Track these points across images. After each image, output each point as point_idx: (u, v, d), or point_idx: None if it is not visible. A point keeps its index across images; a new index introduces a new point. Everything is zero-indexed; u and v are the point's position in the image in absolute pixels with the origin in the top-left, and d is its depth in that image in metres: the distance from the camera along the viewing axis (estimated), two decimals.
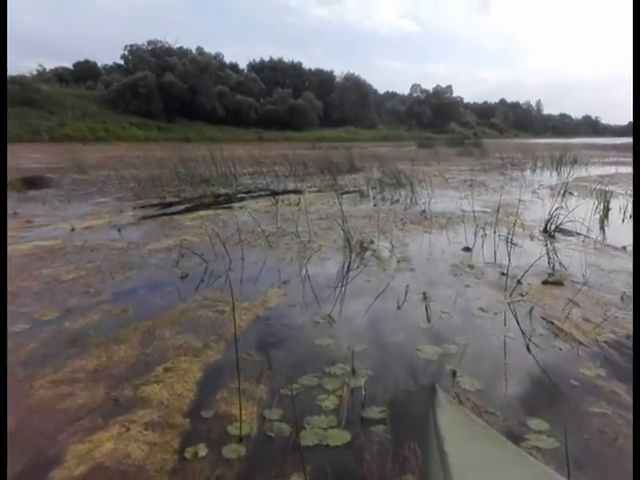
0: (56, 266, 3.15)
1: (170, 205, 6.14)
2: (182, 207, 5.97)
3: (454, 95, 76.53)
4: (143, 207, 5.89)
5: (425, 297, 2.58)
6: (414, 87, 77.08)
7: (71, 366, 1.79)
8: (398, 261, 3.32)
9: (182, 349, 1.96)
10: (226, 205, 6.12)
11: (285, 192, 7.42)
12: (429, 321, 2.27)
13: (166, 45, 54.22)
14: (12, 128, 34.33)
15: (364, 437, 1.38)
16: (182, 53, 53.96)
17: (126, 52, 55.29)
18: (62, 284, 2.78)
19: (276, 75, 62.37)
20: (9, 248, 3.62)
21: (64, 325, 2.18)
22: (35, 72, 51.88)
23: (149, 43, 54.08)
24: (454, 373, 1.76)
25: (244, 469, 1.25)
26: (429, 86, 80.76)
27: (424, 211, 5.37)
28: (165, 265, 3.24)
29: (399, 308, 2.44)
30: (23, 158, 13.78)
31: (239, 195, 7.26)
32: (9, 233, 4.21)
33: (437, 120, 69.66)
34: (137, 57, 52.63)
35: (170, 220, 4.99)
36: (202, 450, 1.31)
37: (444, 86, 75.59)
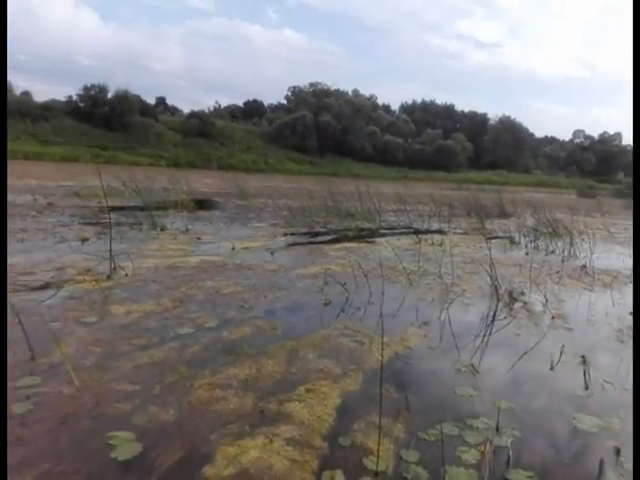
0: (218, 280, 3.51)
1: (317, 235, 6.46)
2: (328, 237, 6.24)
3: (624, 143, 68.83)
4: (293, 234, 6.29)
5: (584, 361, 2.32)
6: (577, 133, 71.20)
7: (226, 372, 1.97)
8: (552, 317, 3.05)
9: (323, 373, 2.03)
10: (369, 239, 6.25)
11: (428, 232, 7.33)
12: (587, 389, 2.04)
13: (325, 87, 58.08)
14: (188, 156, 39.45)
15: None
16: (339, 95, 57.30)
17: (289, 93, 60.47)
18: (222, 297, 3.09)
19: (427, 116, 62.77)
20: (182, 260, 4.13)
21: (222, 334, 2.41)
22: (212, 108, 59.39)
23: (310, 85, 58.49)
24: (618, 451, 1.55)
25: None
26: (593, 132, 73.86)
27: (584, 266, 4.88)
28: (310, 290, 3.41)
29: (552, 369, 2.23)
30: (196, 182, 15.68)
31: (382, 231, 7.36)
32: (182, 247, 4.81)
33: (602, 169, 63.13)
34: (299, 98, 57.20)
35: (317, 249, 5.25)
36: (339, 476, 1.34)
37: (612, 133, 68.54)
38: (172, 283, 3.33)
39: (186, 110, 53.43)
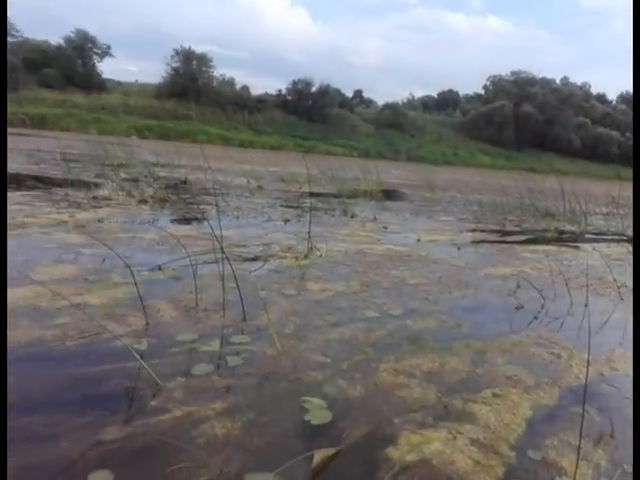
0: (402, 269, 3.56)
1: (509, 234, 6.05)
2: (522, 238, 5.80)
3: None
4: (483, 231, 6.00)
5: None
6: None
7: (409, 361, 2.00)
8: None
9: (512, 381, 1.91)
10: (571, 244, 5.62)
11: None
12: None
13: (529, 75, 53.31)
14: (379, 147, 40.42)
15: None
16: (544, 83, 52.08)
17: (488, 82, 57.13)
18: (406, 286, 3.12)
19: None
20: (370, 247, 4.29)
21: (406, 323, 2.45)
22: (405, 100, 59.60)
23: (512, 73, 54.31)
24: None
25: None
26: None
27: None
28: (500, 292, 3.22)
29: None
30: (385, 173, 16.02)
31: (587, 235, 6.54)
32: (370, 234, 4.99)
33: None
34: (498, 87, 53.69)
35: (508, 248, 4.92)
36: None
37: None
38: (360, 268, 3.49)
39: (381, 102, 54.69)
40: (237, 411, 1.51)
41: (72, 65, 37.99)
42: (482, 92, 58.26)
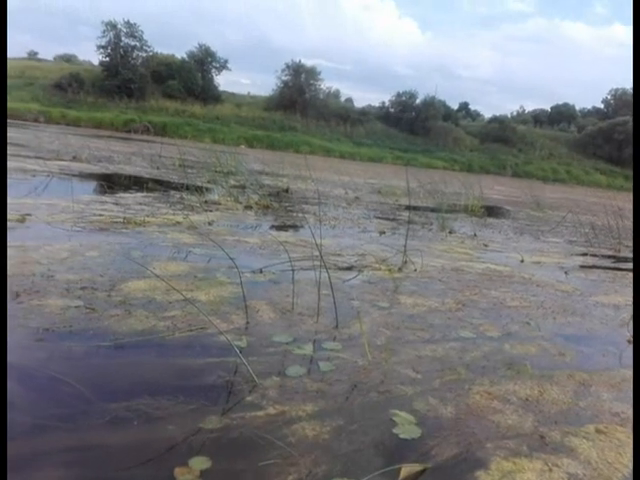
0: (503, 290, 3.41)
1: (624, 260, 5.53)
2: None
3: None
4: (594, 255, 5.55)
5: None
6: None
7: (505, 386, 1.92)
8: None
9: (619, 417, 1.77)
10: None
11: None
12: None
13: None
14: (483, 161, 38.87)
15: None
16: None
17: (609, 96, 52.54)
18: (506, 309, 3.00)
19: None
20: (468, 264, 4.16)
21: (503, 346, 2.35)
22: (515, 113, 56.76)
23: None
24: None
25: None
26: None
27: None
28: (610, 322, 2.98)
29: None
30: (487, 189, 15.39)
31: None
32: (469, 251, 4.84)
33: None
34: (620, 101, 49.09)
35: (623, 276, 4.51)
36: None
37: None
38: (456, 285, 3.41)
39: (488, 115, 52.66)
40: (327, 415, 1.57)
41: (193, 78, 41.20)
42: (601, 106, 53.78)
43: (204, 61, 43.66)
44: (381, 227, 5.79)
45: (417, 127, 42.88)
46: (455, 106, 53.75)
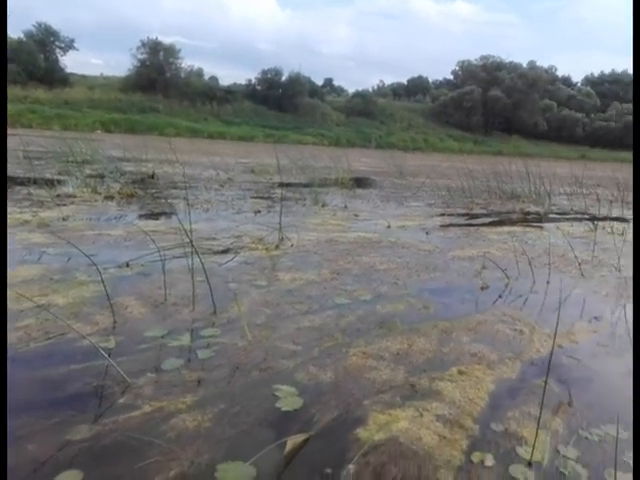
0: (373, 256, 3.61)
1: (476, 216, 6.18)
2: (488, 220, 5.93)
3: None
4: (451, 215, 6.12)
5: None
6: None
7: (378, 344, 2.05)
8: None
9: (476, 357, 1.98)
10: (535, 224, 5.78)
11: (607, 219, 6.49)
12: None
13: (497, 60, 53.96)
14: (349, 135, 40.46)
15: None
16: (512, 67, 52.79)
17: (457, 68, 57.63)
18: (376, 272, 3.18)
19: (616, 89, 54.46)
20: (341, 235, 4.33)
21: (375, 307, 2.50)
22: (375, 87, 59.72)
23: (481, 58, 54.88)
24: None
25: None
26: None
27: None
28: (466, 273, 3.31)
29: None
30: (355, 161, 16.08)
31: (551, 215, 6.74)
32: (341, 223, 5.03)
33: None
34: (467, 72, 54.17)
35: (475, 231, 5.04)
36: (489, 460, 1.32)
37: None
38: (331, 256, 3.52)
39: (351, 90, 54.63)
40: (208, 403, 1.53)
41: (34, 60, 36.63)
42: (451, 77, 58.83)
43: (45, 41, 39.01)
44: (256, 206, 5.75)
45: (285, 104, 43.08)
46: (320, 82, 54.96)
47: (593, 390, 1.80)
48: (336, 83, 62.04)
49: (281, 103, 43.17)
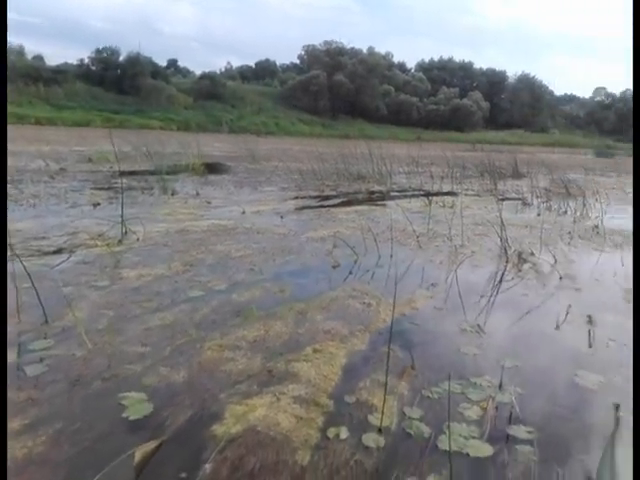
0: (228, 243, 3.54)
1: (327, 198, 6.43)
2: (338, 201, 6.22)
3: None
4: (304, 198, 6.28)
5: (590, 321, 2.33)
6: (598, 90, 68.70)
7: (234, 334, 2.01)
8: (560, 278, 3.04)
9: (330, 334, 2.06)
10: (379, 202, 6.21)
11: (440, 194, 7.25)
12: (591, 347, 2.05)
13: (339, 45, 56.36)
14: (199, 119, 39.08)
15: (508, 454, 1.32)
16: (353, 53, 55.62)
17: (302, 52, 58.90)
18: (231, 260, 3.12)
19: (444, 75, 60.94)
20: (193, 224, 4.16)
21: (231, 297, 2.45)
22: (223, 69, 58.37)
23: (325, 43, 56.78)
24: (617, 407, 1.57)
25: (382, 459, 1.28)
26: (617, 90, 71.18)
27: (596, 226, 4.81)
28: (319, 253, 3.42)
29: (557, 328, 2.24)
30: (207, 146, 15.60)
31: (392, 193, 7.30)
32: (193, 211, 4.84)
33: (623, 127, 61.19)
34: (312, 57, 55.67)
35: (327, 212, 5.24)
36: (343, 433, 1.38)
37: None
38: (183, 247, 3.37)
39: (198, 72, 52.58)
40: (42, 425, 1.35)
41: None
42: (297, 62, 59.98)
43: None
44: (95, 199, 5.24)
45: (125, 86, 39.89)
46: (163, 63, 51.88)
47: (432, 351, 1.99)
48: (181, 64, 59.20)
49: (120, 85, 39.91)
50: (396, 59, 60.31)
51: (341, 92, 50.41)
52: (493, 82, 62.02)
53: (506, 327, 2.26)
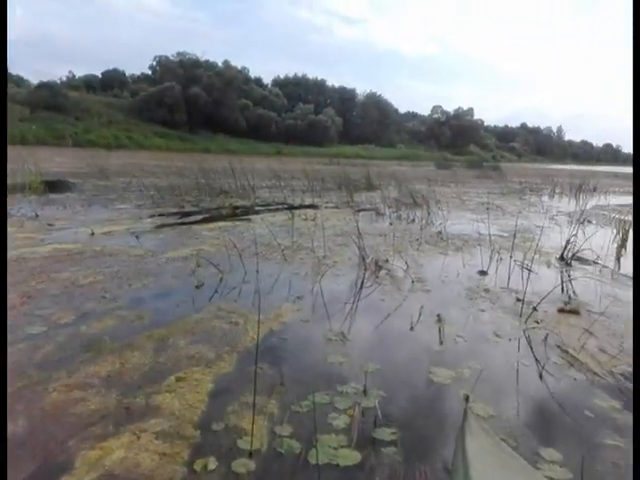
0: (75, 270, 3.20)
1: (189, 215, 6.21)
2: (200, 217, 6.03)
3: (475, 118, 76.67)
4: (162, 215, 5.97)
5: (439, 319, 2.56)
6: (435, 108, 77.41)
7: (84, 371, 1.81)
8: (413, 281, 3.30)
9: (195, 359, 1.96)
10: (243, 217, 6.17)
11: (302, 207, 7.45)
12: (442, 344, 2.25)
13: (194, 57, 55.21)
14: (37, 132, 35.19)
15: (375, 458, 1.37)
16: (209, 66, 54.93)
17: (154, 62, 56.49)
18: (80, 288, 2.82)
19: (299, 91, 63.30)
20: (31, 250, 3.69)
21: (80, 329, 2.21)
22: (64, 79, 53.38)
23: (178, 55, 55.15)
24: (467, 398, 1.73)
25: None
26: (450, 107, 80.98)
27: (440, 232, 5.35)
28: (181, 274, 3.27)
29: (412, 329, 2.42)
30: (47, 162, 14.08)
31: (256, 208, 7.31)
32: (31, 235, 4.29)
33: (456, 142, 69.75)
34: (165, 68, 53.68)
35: (188, 229, 5.04)
36: (212, 463, 1.31)
37: (465, 108, 75.82)
38: (19, 277, 2.96)
39: (35, 81, 47.30)
40: None
41: None
42: (149, 72, 57.25)
43: None
44: None
45: None
46: None
47: (300, 364, 2.00)
48: (13, 72, 52.75)
49: None
50: (252, 74, 61.07)
51: (198, 105, 49.40)
52: (345, 99, 66.13)
53: (368, 332, 2.38)
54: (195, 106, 49.22)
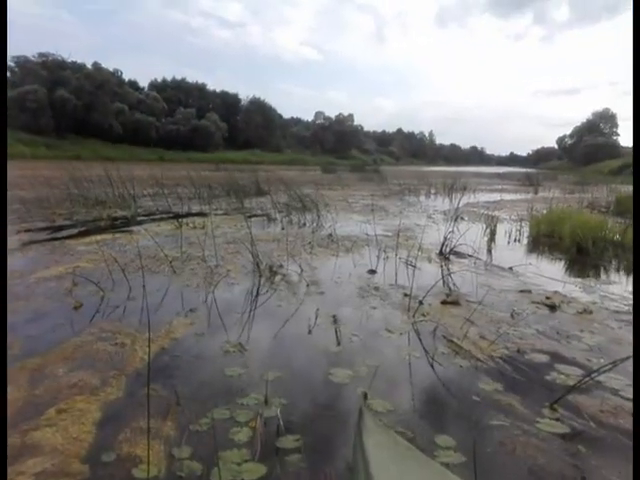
0: None
1: (61, 229, 5.67)
2: (75, 231, 5.54)
3: (355, 123, 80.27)
4: (29, 231, 5.37)
5: (335, 320, 2.62)
6: (318, 114, 79.60)
7: None
8: (307, 285, 3.35)
9: (77, 387, 1.79)
10: (124, 229, 5.79)
11: (189, 215, 7.20)
12: (339, 344, 2.31)
13: (59, 58, 50.63)
14: None
15: (280, 468, 1.35)
16: (76, 68, 50.71)
17: (12, 63, 50.78)
18: None
19: (179, 95, 61.07)
20: None
21: None
22: None
23: (40, 55, 50.14)
24: (365, 395, 1.79)
25: None
26: (331, 113, 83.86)
27: (330, 235, 5.50)
28: (55, 295, 2.97)
29: (310, 332, 2.45)
30: None
31: (139, 218, 6.91)
32: None
33: (339, 146, 72.45)
34: (25, 69, 48.47)
35: (61, 245, 4.60)
36: None
37: (346, 114, 78.95)
38: None
39: None
40: None
41: None
42: (8, 75, 51.33)
43: None
44: None
45: None
46: None
47: (197, 381, 1.92)
48: None
49: None
50: (126, 77, 57.66)
51: (66, 109, 45.43)
52: (228, 104, 65.21)
53: (266, 340, 2.36)
54: (63, 110, 45.18)
